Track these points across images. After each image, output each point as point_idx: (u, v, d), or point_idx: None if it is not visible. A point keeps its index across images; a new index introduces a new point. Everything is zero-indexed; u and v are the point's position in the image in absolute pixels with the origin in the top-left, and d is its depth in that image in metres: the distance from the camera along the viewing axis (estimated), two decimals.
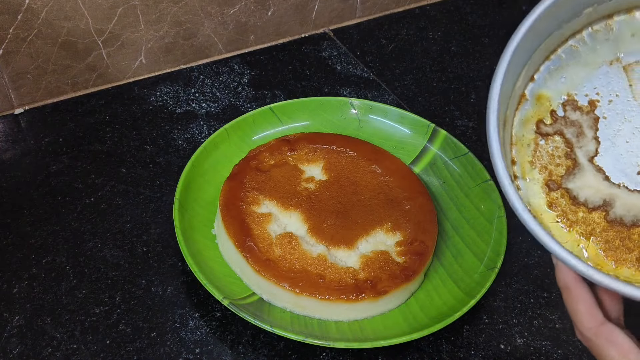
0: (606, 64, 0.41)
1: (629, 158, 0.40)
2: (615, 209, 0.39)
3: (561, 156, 0.40)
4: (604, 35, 0.41)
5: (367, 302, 0.51)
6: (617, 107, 0.40)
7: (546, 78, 0.41)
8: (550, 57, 0.41)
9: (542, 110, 0.41)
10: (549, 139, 0.40)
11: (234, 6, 0.79)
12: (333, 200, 0.58)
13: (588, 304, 0.34)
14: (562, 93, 0.41)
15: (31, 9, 0.66)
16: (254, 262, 0.52)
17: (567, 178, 0.40)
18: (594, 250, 0.39)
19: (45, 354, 0.50)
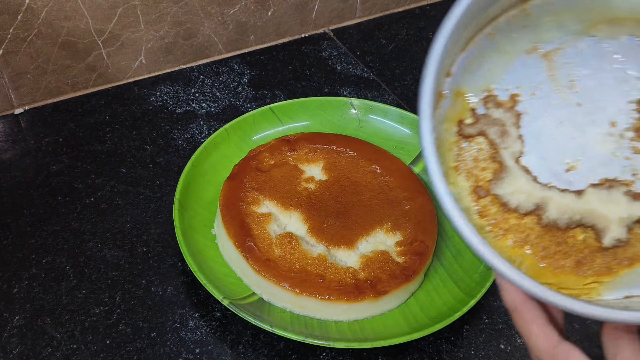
0: (525, 53, 0.38)
1: (556, 155, 0.37)
2: (548, 212, 0.37)
3: (486, 159, 0.37)
4: (521, 22, 0.37)
5: (367, 302, 0.51)
6: (540, 101, 0.38)
7: (463, 71, 0.37)
8: (467, 48, 0.37)
9: (462, 109, 0.37)
10: (472, 141, 0.37)
11: (234, 6, 0.79)
12: (333, 200, 0.58)
13: (541, 324, 0.32)
14: (481, 88, 0.37)
15: (31, 9, 0.66)
16: (254, 262, 0.52)
17: (496, 183, 0.37)
18: (530, 259, 0.36)
19: (45, 354, 0.50)
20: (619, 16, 0.38)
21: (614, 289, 0.36)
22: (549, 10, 0.38)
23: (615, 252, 0.37)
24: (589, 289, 0.36)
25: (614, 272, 0.37)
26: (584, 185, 0.37)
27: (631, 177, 0.37)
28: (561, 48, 0.38)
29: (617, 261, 0.37)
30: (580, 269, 0.37)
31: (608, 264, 0.37)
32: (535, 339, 0.31)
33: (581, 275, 0.36)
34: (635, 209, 0.37)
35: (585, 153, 0.38)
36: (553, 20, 0.38)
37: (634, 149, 0.38)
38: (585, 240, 0.37)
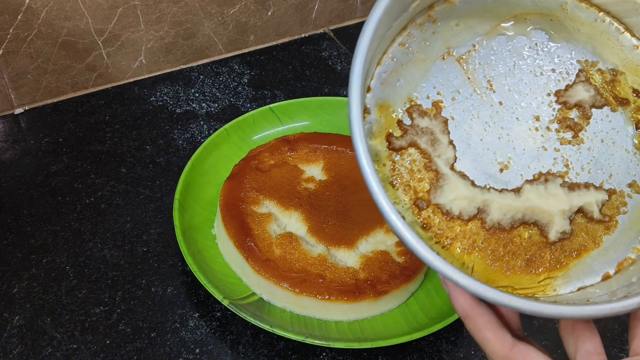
0: (439, 59, 0.38)
1: (487, 156, 0.38)
2: (491, 215, 0.37)
3: (421, 170, 0.37)
4: (430, 29, 0.38)
5: (367, 302, 0.51)
6: (462, 104, 0.38)
7: (382, 85, 0.37)
8: (382, 62, 0.37)
9: (389, 122, 0.37)
10: (404, 153, 0.37)
11: (234, 6, 0.79)
12: (333, 200, 0.58)
13: (494, 329, 0.32)
14: (403, 99, 0.37)
15: (31, 9, 0.66)
16: (254, 262, 0.52)
17: (435, 192, 0.37)
18: (481, 264, 0.36)
19: (45, 354, 0.50)
20: (523, 12, 0.38)
21: (567, 283, 0.36)
22: (454, 14, 0.38)
23: (562, 245, 0.37)
24: (544, 286, 0.36)
25: (564, 265, 0.37)
26: (520, 182, 0.38)
27: (564, 168, 0.38)
28: (474, 50, 0.38)
29: (565, 254, 0.37)
30: (531, 266, 0.37)
31: (557, 258, 0.37)
32: (490, 345, 0.32)
33: (533, 273, 0.37)
34: (574, 199, 0.37)
35: (515, 151, 0.38)
36: (460, 24, 0.38)
37: (561, 140, 0.38)
38: (531, 237, 0.37)
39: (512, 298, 0.30)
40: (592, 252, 0.37)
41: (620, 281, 0.36)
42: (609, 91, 0.39)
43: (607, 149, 0.39)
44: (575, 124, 0.39)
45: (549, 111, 0.39)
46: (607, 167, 0.38)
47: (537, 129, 0.39)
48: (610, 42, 0.39)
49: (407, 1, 0.35)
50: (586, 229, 0.37)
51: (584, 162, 0.38)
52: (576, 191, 0.38)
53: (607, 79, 0.39)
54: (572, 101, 0.39)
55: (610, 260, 0.37)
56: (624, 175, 0.38)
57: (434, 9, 0.37)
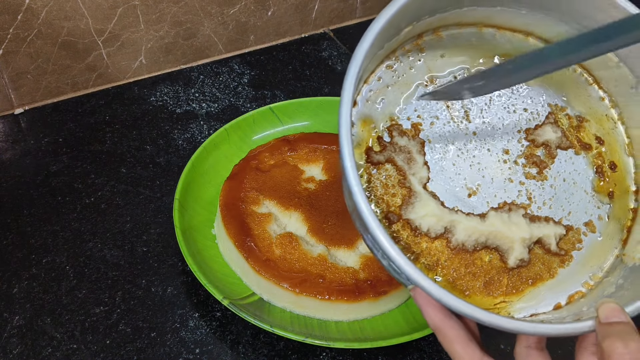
0: (422, 85, 0.40)
1: (458, 181, 0.40)
2: (456, 235, 0.38)
3: (395, 185, 0.39)
4: (417, 56, 0.40)
5: (367, 302, 0.51)
6: (439, 130, 0.40)
7: (367, 102, 0.39)
8: (369, 80, 0.39)
9: (369, 137, 0.39)
10: (381, 168, 0.39)
11: (234, 6, 0.79)
12: (333, 200, 0.58)
13: (463, 342, 0.33)
14: (385, 117, 0.40)
15: (31, 9, 0.66)
16: (254, 262, 0.52)
17: (407, 208, 0.38)
18: (443, 281, 0.38)
19: (45, 354, 0.50)
20: (505, 53, 0.42)
21: (522, 308, 0.38)
22: (441, 46, 0.41)
23: (520, 272, 0.39)
24: (499, 309, 0.38)
25: (520, 291, 0.39)
26: (486, 209, 0.40)
27: (527, 201, 0.40)
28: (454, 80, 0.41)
29: (522, 281, 0.39)
30: (489, 289, 0.38)
31: (514, 283, 0.39)
32: (459, 357, 0.33)
33: (491, 295, 0.38)
34: (534, 230, 0.40)
35: (484, 179, 0.40)
36: (445, 56, 0.41)
37: (527, 174, 0.41)
38: (491, 261, 0.39)
39: (475, 309, 0.31)
40: (547, 282, 0.39)
41: (570, 311, 0.38)
42: (575, 135, 0.42)
43: (568, 188, 0.41)
44: (541, 161, 0.41)
45: (517, 146, 0.41)
46: (566, 204, 0.41)
47: (506, 161, 0.41)
48: (580, 90, 0.42)
49: (400, 26, 0.37)
50: (543, 260, 0.39)
51: (545, 197, 0.41)
52: (537, 223, 0.40)
53: (574, 124, 0.42)
54: (540, 140, 0.42)
55: (563, 291, 0.39)
56: (582, 214, 0.41)
57: (422, 38, 0.40)
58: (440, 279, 0.38)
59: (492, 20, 0.41)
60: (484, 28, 0.41)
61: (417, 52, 0.41)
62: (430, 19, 0.39)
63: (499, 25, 0.41)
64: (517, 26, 0.41)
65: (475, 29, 0.41)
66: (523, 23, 0.41)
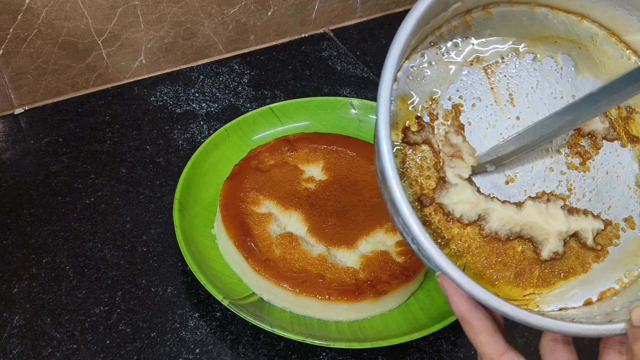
0: (467, 64, 0.39)
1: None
2: (490, 223, 0.37)
3: (430, 167, 0.37)
4: (463, 33, 0.38)
5: (367, 302, 0.51)
6: (481, 112, 0.39)
7: (408, 79, 0.37)
8: (411, 56, 0.37)
9: (408, 116, 0.37)
10: (417, 149, 0.37)
11: (234, 6, 0.79)
12: (333, 201, 0.58)
13: (488, 333, 0.33)
14: (425, 96, 0.38)
15: (31, 9, 0.66)
16: (254, 262, 0.52)
17: (440, 192, 0.37)
18: (472, 269, 0.37)
19: (45, 354, 0.50)
20: (555, 35, 0.40)
21: (551, 301, 0.37)
22: (489, 24, 0.39)
23: (552, 265, 0.38)
24: (528, 300, 0.37)
25: (551, 284, 0.38)
26: (523, 197, 0.38)
27: (566, 192, 0.39)
28: (502, 62, 0.39)
29: (554, 274, 0.38)
30: (520, 280, 0.37)
31: (545, 276, 0.38)
32: (483, 348, 0.33)
33: (520, 286, 0.37)
34: (572, 223, 0.38)
35: (523, 167, 0.39)
36: (494, 35, 0.39)
37: (569, 165, 0.39)
38: (524, 252, 0.38)
39: (503, 303, 0.31)
40: (580, 276, 0.38)
41: (601, 308, 0.37)
42: (622, 127, 0.40)
43: (610, 181, 0.40)
44: (585, 151, 0.40)
45: (562, 135, 0.39)
46: (607, 198, 0.39)
47: (548, 150, 0.39)
48: None
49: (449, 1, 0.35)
50: (577, 254, 0.38)
51: (586, 189, 0.39)
52: (575, 215, 0.39)
53: (623, 115, 0.40)
54: (585, 129, 0.40)
55: (595, 287, 0.38)
56: (622, 209, 0.39)
57: (470, 14, 0.38)
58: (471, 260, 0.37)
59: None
60: (536, 7, 0.39)
61: (465, 29, 0.38)
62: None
63: (552, 5, 0.39)
64: (572, 7, 0.39)
65: (527, 7, 0.39)
66: (579, 4, 0.38)
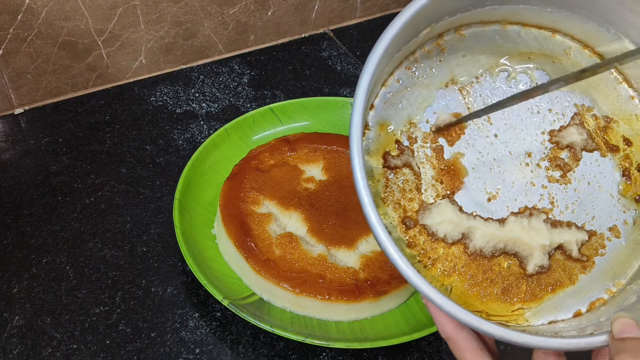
0: (442, 87, 0.40)
1: (477, 185, 0.39)
2: (474, 241, 0.38)
3: (412, 190, 0.38)
4: (437, 56, 0.40)
5: (367, 302, 0.51)
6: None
7: (385, 105, 0.38)
8: (387, 83, 0.39)
9: (387, 141, 0.39)
10: (398, 172, 0.38)
11: (234, 6, 0.79)
12: (333, 201, 0.58)
13: (474, 352, 0.33)
14: (403, 120, 0.39)
15: (31, 9, 0.66)
16: (254, 262, 0.52)
17: (423, 213, 0.38)
18: (459, 287, 0.38)
19: (45, 354, 0.50)
20: (528, 51, 0.40)
21: (540, 315, 0.37)
22: (462, 46, 0.39)
23: (539, 279, 0.38)
24: (517, 315, 0.37)
25: (538, 298, 0.38)
26: (506, 213, 0.39)
27: (549, 205, 0.39)
28: (476, 82, 0.40)
29: (541, 287, 0.38)
30: (507, 295, 0.38)
31: (533, 290, 0.38)
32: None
33: (508, 302, 0.38)
34: (555, 236, 0.39)
35: (504, 183, 0.39)
36: (467, 55, 0.40)
37: (550, 178, 0.40)
38: (509, 267, 0.38)
39: (483, 322, 0.31)
40: (567, 288, 0.38)
41: (590, 319, 0.37)
42: (601, 137, 0.41)
43: (592, 192, 0.40)
44: (565, 164, 0.40)
45: (541, 149, 0.40)
46: (590, 209, 0.40)
47: (528, 164, 0.40)
48: (608, 90, 0.41)
49: (419, 28, 0.36)
50: (563, 266, 0.39)
51: (569, 201, 0.40)
52: (558, 228, 0.39)
53: (601, 125, 0.41)
54: (564, 142, 0.40)
55: (584, 298, 0.38)
56: (606, 218, 0.40)
57: (443, 38, 0.39)
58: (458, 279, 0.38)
59: (517, 17, 0.39)
60: (508, 25, 0.40)
61: (438, 52, 0.39)
62: (451, 19, 0.38)
63: (524, 22, 0.40)
64: (544, 23, 0.40)
65: (499, 26, 0.40)
66: (549, 20, 0.39)
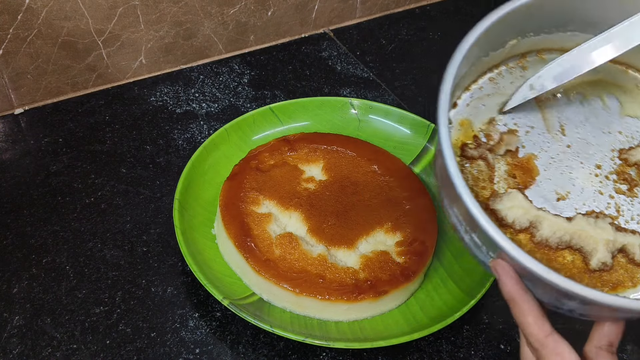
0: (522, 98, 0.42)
1: (547, 185, 0.41)
2: (541, 230, 0.39)
3: (485, 179, 0.41)
4: (519, 72, 0.44)
5: (367, 302, 0.51)
6: (533, 138, 0.43)
7: (467, 106, 0.42)
8: (471, 87, 0.43)
9: (466, 135, 0.42)
10: (474, 163, 0.41)
11: (234, 6, 0.79)
12: (333, 201, 0.58)
13: (535, 315, 0.34)
14: (483, 120, 0.42)
15: (31, 9, 0.66)
16: (254, 262, 0.52)
17: (494, 199, 0.40)
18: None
19: (45, 354, 0.50)
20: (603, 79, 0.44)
21: None
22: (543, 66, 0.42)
23: (601, 276, 0.39)
24: None
25: None
26: (573, 213, 0.40)
27: (615, 213, 0.41)
28: (553, 99, 0.43)
29: (602, 283, 0.39)
30: None
31: (594, 285, 0.39)
32: (530, 329, 0.34)
33: None
34: (620, 237, 0.40)
35: (574, 187, 0.41)
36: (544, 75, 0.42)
37: (617, 189, 0.42)
38: (573, 261, 0.39)
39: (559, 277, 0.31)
40: (628, 290, 0.39)
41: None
42: None
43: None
44: (632, 179, 0.42)
45: (610, 163, 0.42)
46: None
47: (597, 175, 0.42)
48: None
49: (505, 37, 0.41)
50: (626, 268, 0.40)
51: (634, 213, 0.41)
52: (622, 232, 0.40)
53: None
54: (632, 159, 0.43)
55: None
56: None
57: (526, 58, 0.44)
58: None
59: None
60: None
61: (520, 69, 0.44)
62: (535, 38, 0.42)
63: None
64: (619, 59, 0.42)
65: None
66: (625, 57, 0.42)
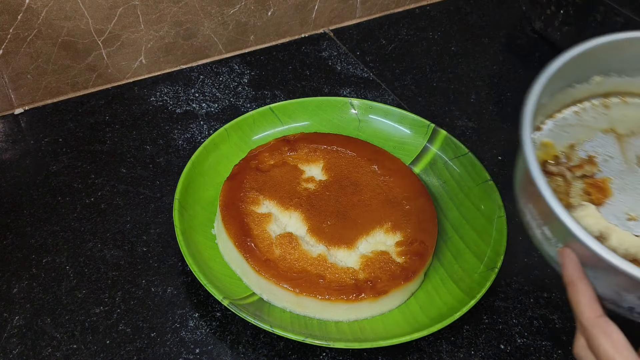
0: (602, 131, 0.47)
1: (619, 206, 0.43)
2: (610, 241, 0.40)
3: (562, 192, 0.43)
4: (602, 110, 0.47)
5: (367, 302, 0.51)
6: (612, 166, 0.45)
7: (551, 130, 0.46)
8: (555, 116, 0.47)
9: (548, 154, 0.45)
10: (552, 178, 0.44)
11: (234, 6, 0.79)
12: (333, 201, 0.58)
13: (589, 297, 0.37)
14: (565, 145, 0.46)
15: (31, 9, 0.66)
16: (254, 262, 0.52)
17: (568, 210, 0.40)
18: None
19: (45, 354, 0.50)
20: None
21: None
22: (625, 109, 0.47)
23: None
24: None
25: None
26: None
27: None
28: (632, 135, 0.47)
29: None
30: None
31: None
32: (582, 308, 0.37)
33: None
34: None
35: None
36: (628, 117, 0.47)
37: None
38: None
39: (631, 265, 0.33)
40: None
41: None
42: None
43: None
44: None
45: None
46: None
47: None
48: None
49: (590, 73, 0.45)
50: None
51: None
52: None
53: None
54: None
55: None
56: None
57: (609, 98, 0.48)
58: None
59: None
60: None
61: (603, 108, 0.47)
62: (618, 80, 0.46)
63: None
64: None
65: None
66: None
